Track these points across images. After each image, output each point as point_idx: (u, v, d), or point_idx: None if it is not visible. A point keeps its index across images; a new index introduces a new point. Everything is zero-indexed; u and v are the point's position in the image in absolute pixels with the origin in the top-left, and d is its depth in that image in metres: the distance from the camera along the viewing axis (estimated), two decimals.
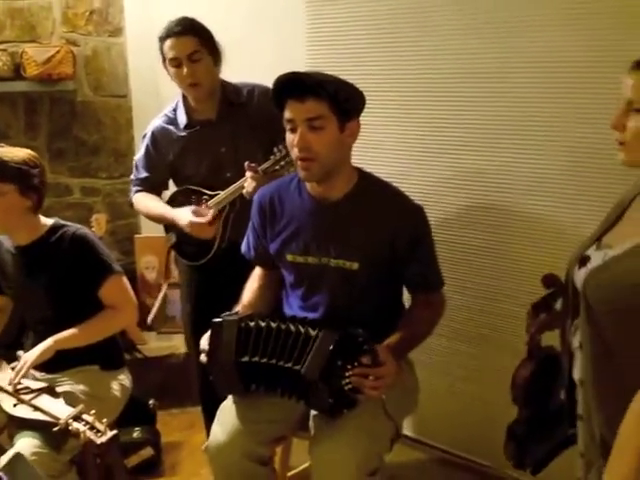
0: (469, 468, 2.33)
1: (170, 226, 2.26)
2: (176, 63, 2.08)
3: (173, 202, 2.25)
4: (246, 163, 1.96)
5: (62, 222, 2.02)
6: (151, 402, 2.62)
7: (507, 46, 1.99)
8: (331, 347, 1.43)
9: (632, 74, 1.21)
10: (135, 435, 2.51)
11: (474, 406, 2.27)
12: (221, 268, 2.13)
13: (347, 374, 1.43)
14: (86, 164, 3.20)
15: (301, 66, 2.42)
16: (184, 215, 2.11)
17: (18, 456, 1.08)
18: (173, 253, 2.47)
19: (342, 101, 1.54)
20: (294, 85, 1.52)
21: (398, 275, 1.67)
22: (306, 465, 1.64)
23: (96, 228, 2.98)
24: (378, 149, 2.34)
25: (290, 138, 1.57)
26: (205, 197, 2.15)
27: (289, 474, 1.92)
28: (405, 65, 2.23)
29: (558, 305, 1.47)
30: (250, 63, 2.48)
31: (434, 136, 2.21)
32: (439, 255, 2.12)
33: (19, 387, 1.82)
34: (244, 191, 2.00)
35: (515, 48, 1.98)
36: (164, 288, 2.90)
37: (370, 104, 2.29)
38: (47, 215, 3.08)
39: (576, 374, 1.35)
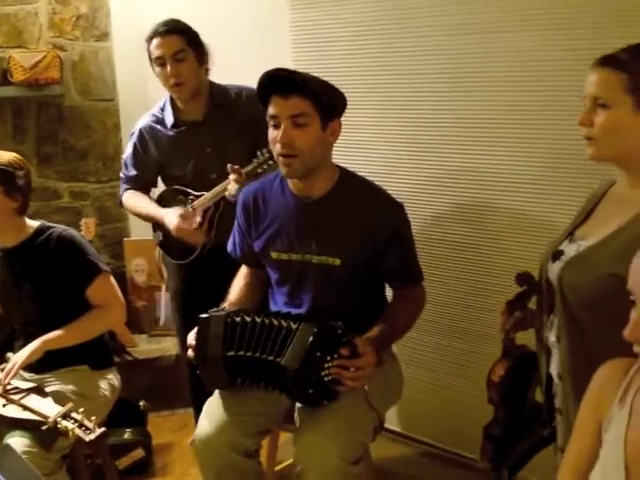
0: (455, 462, 2.36)
1: (157, 225, 2.28)
2: (161, 62, 2.11)
3: (161, 201, 2.28)
4: (229, 165, 2.00)
5: (48, 224, 2.04)
6: (142, 404, 2.63)
7: (486, 45, 2.03)
8: (310, 339, 1.46)
9: (596, 71, 1.26)
10: (126, 436, 2.52)
11: (458, 400, 2.30)
12: (208, 267, 2.15)
13: (326, 365, 1.47)
14: (74, 168, 3.21)
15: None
16: (172, 218, 2.13)
17: (6, 447, 1.09)
18: (161, 253, 2.49)
19: (325, 100, 1.58)
20: (280, 81, 1.55)
21: (379, 270, 1.70)
22: (293, 460, 1.66)
23: (85, 232, 2.99)
24: (363, 148, 2.37)
25: (273, 134, 1.60)
26: (191, 197, 2.18)
27: (276, 468, 1.94)
28: (388, 66, 2.27)
29: (532, 304, 1.50)
30: (236, 66, 2.50)
31: (418, 135, 2.25)
32: (424, 252, 2.17)
33: (8, 387, 1.83)
34: (227, 193, 2.03)
35: (494, 47, 2.02)
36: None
37: (354, 105, 2.33)
38: (36, 219, 3.11)
39: (554, 369, 1.38)
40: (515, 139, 2.04)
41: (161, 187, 2.39)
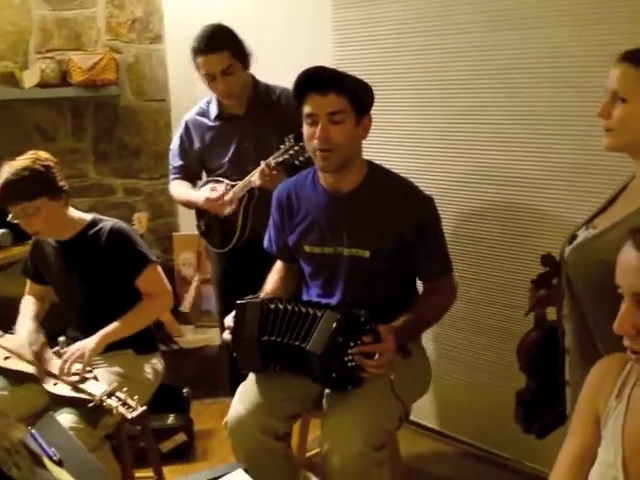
0: (488, 459, 2.36)
1: (200, 215, 2.39)
2: (211, 78, 2.21)
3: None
4: (262, 162, 2.10)
5: (100, 217, 2.13)
6: (185, 391, 2.75)
7: (524, 41, 2.04)
8: (333, 326, 1.52)
9: (618, 66, 1.31)
10: (169, 421, 2.64)
11: (492, 398, 2.30)
12: (246, 258, 2.25)
13: (349, 351, 1.52)
14: (128, 165, 3.37)
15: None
16: (202, 194, 2.28)
17: (49, 415, 1.19)
18: (206, 245, 2.61)
19: (359, 97, 1.63)
20: (317, 79, 1.62)
21: (408, 262, 1.74)
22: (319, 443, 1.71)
23: (137, 226, 3.13)
24: (401, 145, 2.41)
25: (310, 131, 1.66)
26: (227, 187, 2.29)
27: (307, 454, 2.00)
28: (426, 63, 2.30)
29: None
30: (278, 64, 2.58)
31: (455, 132, 2.27)
32: (456, 248, 2.19)
33: (71, 376, 1.90)
34: (252, 178, 2.13)
35: (532, 43, 2.02)
36: (196, 278, 3.01)
37: (394, 102, 2.39)
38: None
39: (566, 343, 1.42)
40: (548, 138, 2.04)
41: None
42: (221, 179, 2.33)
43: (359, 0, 2.45)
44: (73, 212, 2.09)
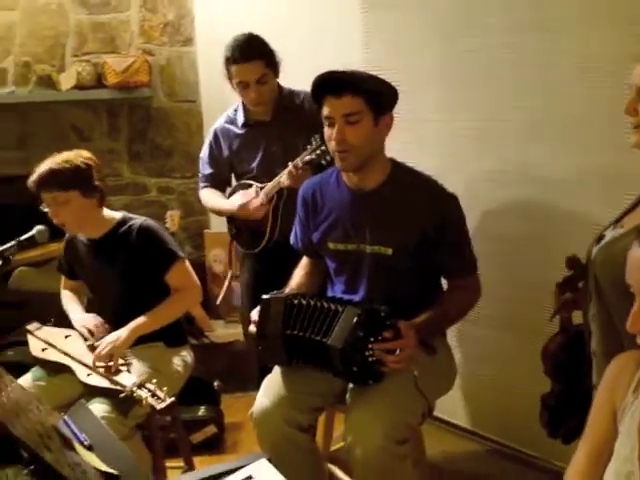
0: (516, 458, 2.36)
1: (230, 219, 2.45)
2: (244, 86, 2.26)
3: (232, 195, 2.44)
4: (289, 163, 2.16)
5: (129, 215, 2.20)
6: (216, 384, 2.82)
7: (552, 42, 2.03)
8: (354, 321, 1.55)
9: None
10: (200, 413, 2.71)
11: (521, 396, 2.29)
12: (276, 260, 2.28)
13: (370, 346, 1.55)
14: (161, 165, 3.46)
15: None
16: (234, 201, 2.34)
17: (81, 403, 1.25)
18: (236, 246, 2.67)
19: (376, 97, 1.66)
20: (332, 82, 1.65)
21: (431, 260, 1.76)
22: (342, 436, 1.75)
23: (170, 223, 3.22)
24: (428, 144, 2.43)
25: (328, 132, 1.70)
26: (257, 190, 2.34)
27: (332, 448, 2.04)
28: (455, 63, 2.31)
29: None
30: (309, 68, 2.60)
31: (483, 131, 2.27)
32: (483, 246, 2.19)
33: (105, 367, 1.97)
34: (281, 179, 2.17)
35: (562, 44, 2.02)
36: (229, 276, 3.08)
37: (421, 101, 2.41)
38: (128, 211, 3.36)
39: (592, 345, 1.41)
40: (580, 136, 2.02)
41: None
42: (249, 182, 2.38)
43: (388, 2, 2.47)
44: (104, 211, 2.16)
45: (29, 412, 1.00)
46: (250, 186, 2.37)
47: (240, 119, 2.39)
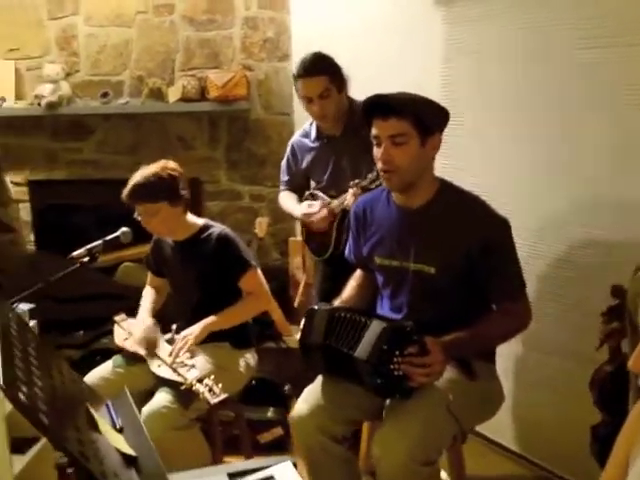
0: None
1: (302, 224, 2.59)
2: (308, 100, 2.38)
3: (303, 201, 2.59)
4: (352, 182, 2.23)
5: (210, 223, 2.36)
6: (287, 387, 2.92)
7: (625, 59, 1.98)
8: (378, 334, 1.59)
9: None
10: (269, 414, 2.82)
11: (573, 425, 2.20)
12: (343, 268, 2.36)
13: (395, 360, 1.57)
14: (255, 173, 3.65)
15: (436, 83, 2.59)
16: (300, 209, 2.49)
17: (125, 392, 1.39)
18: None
19: (422, 119, 1.69)
20: (379, 105, 1.70)
21: (474, 282, 1.74)
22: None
23: (258, 229, 3.37)
24: (504, 165, 2.41)
25: (376, 152, 1.75)
26: (323, 203, 2.46)
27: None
28: (529, 79, 2.28)
29: None
30: (394, 81, 2.67)
31: (560, 149, 2.22)
32: (554, 273, 2.13)
33: (177, 360, 2.15)
34: (345, 203, 2.26)
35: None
36: (302, 282, 3.18)
37: (493, 117, 2.39)
38: (223, 216, 3.58)
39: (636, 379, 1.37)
40: None
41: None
42: (320, 194, 2.50)
43: (468, 15, 2.48)
44: (189, 217, 2.34)
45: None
46: (319, 198, 2.48)
47: (313, 133, 2.52)
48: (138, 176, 2.20)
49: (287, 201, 2.66)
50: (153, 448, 1.19)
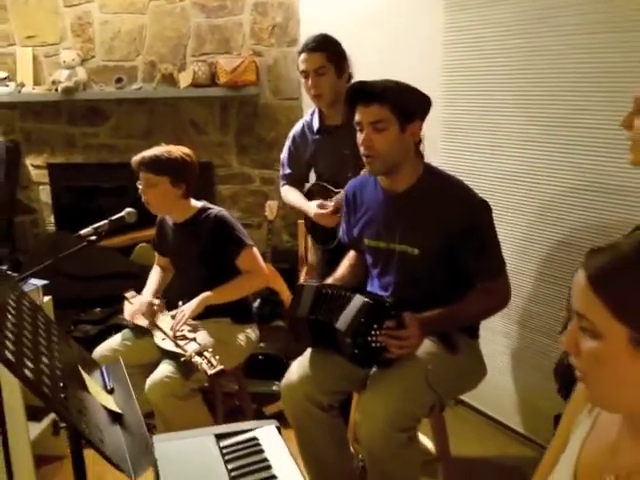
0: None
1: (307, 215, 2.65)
2: (305, 75, 2.45)
3: (308, 194, 2.65)
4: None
5: (208, 205, 2.45)
6: (292, 363, 3.02)
7: (627, 43, 1.98)
8: (358, 308, 1.67)
9: None
10: (274, 388, 2.92)
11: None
12: (342, 254, 2.44)
13: (372, 332, 1.66)
14: (265, 157, 3.73)
15: (438, 69, 2.64)
16: (312, 207, 2.50)
17: (119, 360, 1.50)
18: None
19: (402, 106, 1.75)
20: (362, 92, 1.77)
21: (455, 263, 1.80)
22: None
23: (268, 212, 3.45)
24: (504, 147, 2.44)
25: (358, 137, 1.82)
26: (332, 193, 2.50)
27: None
28: (530, 65, 2.30)
29: None
30: (394, 67, 2.72)
31: (558, 136, 2.25)
32: (533, 251, 2.16)
33: (178, 334, 2.28)
34: None
35: (635, 45, 1.96)
36: (303, 271, 3.25)
37: (497, 103, 2.43)
38: (234, 199, 3.66)
39: None
40: None
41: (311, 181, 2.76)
42: (324, 184, 2.55)
43: (470, 2, 2.51)
44: (190, 201, 2.43)
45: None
46: (324, 188, 2.54)
47: (315, 124, 2.57)
48: (154, 149, 2.33)
49: (295, 198, 2.68)
50: (138, 408, 1.29)
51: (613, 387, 0.89)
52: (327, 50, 2.41)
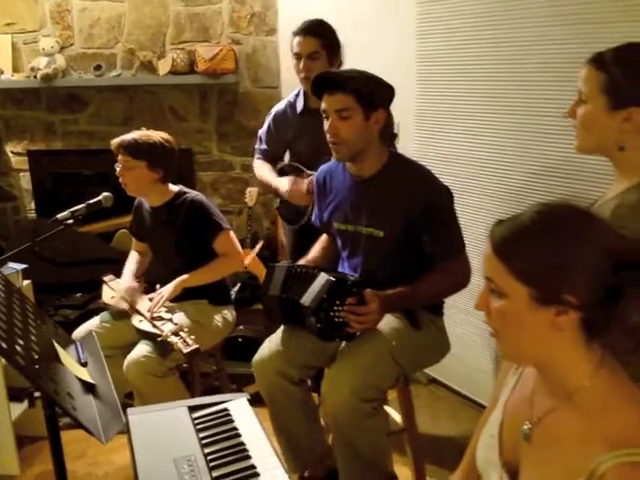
0: None
1: (277, 193, 2.69)
2: (297, 57, 2.49)
3: (281, 172, 2.69)
4: None
5: (185, 189, 2.50)
6: None
7: (594, 35, 2.04)
8: (322, 285, 1.75)
9: (585, 67, 1.33)
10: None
11: None
12: (315, 236, 2.50)
13: (335, 308, 1.74)
14: (245, 145, 3.77)
15: (412, 59, 2.70)
16: (284, 183, 2.53)
17: (90, 333, 1.56)
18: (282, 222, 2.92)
19: (366, 95, 1.81)
20: (327, 81, 1.84)
21: (417, 244, 1.87)
22: None
23: (248, 199, 3.50)
24: (474, 135, 2.52)
25: (325, 125, 1.89)
26: (304, 174, 2.55)
27: None
28: (498, 55, 2.38)
29: None
30: (365, 54, 2.79)
31: (526, 123, 2.32)
32: None
33: (155, 315, 2.33)
34: None
35: (601, 37, 1.99)
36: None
37: (467, 92, 2.50)
38: (215, 186, 3.70)
39: None
40: None
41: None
42: (298, 165, 2.59)
43: None
44: (168, 185, 2.47)
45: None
46: (298, 169, 2.58)
47: (299, 105, 2.60)
48: (133, 133, 2.37)
49: (266, 172, 2.72)
50: (110, 379, 1.35)
51: (519, 340, 1.01)
52: (322, 37, 2.46)
